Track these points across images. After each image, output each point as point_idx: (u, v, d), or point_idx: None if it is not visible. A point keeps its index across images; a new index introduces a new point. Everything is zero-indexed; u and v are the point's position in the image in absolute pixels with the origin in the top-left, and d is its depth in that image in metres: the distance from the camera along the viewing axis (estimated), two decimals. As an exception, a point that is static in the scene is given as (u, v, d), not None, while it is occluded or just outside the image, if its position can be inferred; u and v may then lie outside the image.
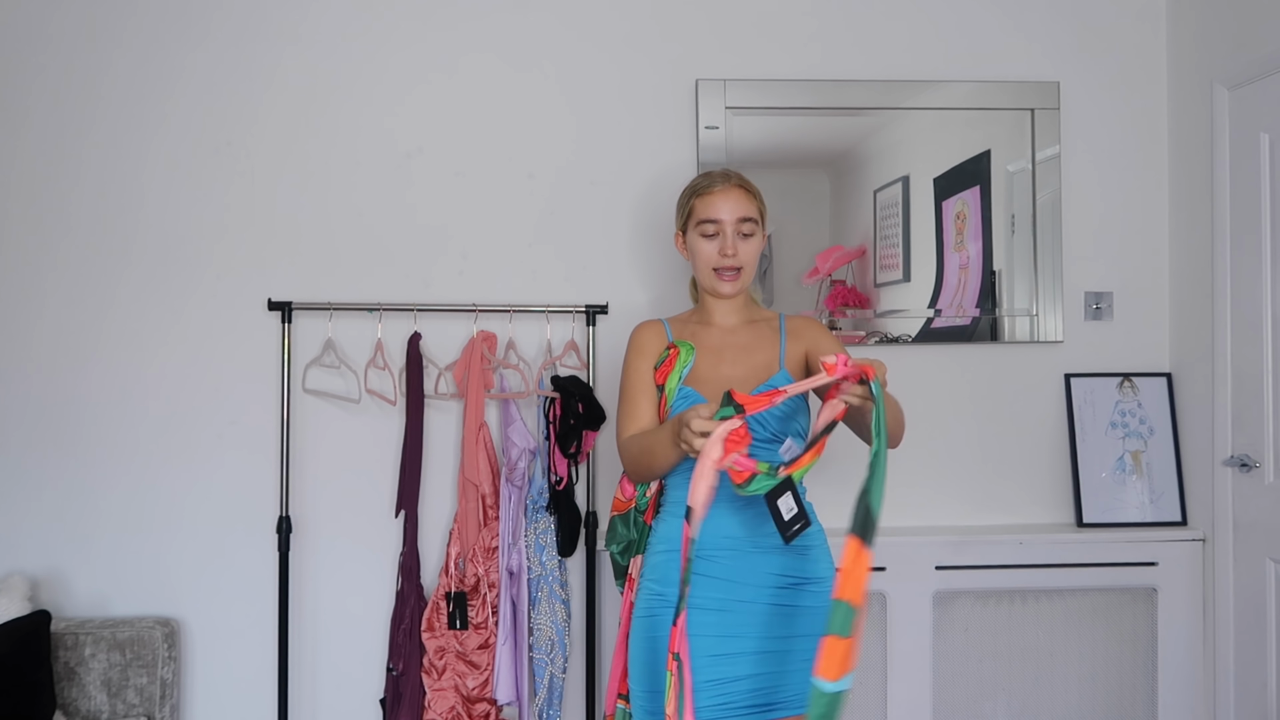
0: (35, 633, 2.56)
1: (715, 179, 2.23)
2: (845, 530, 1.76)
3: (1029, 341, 3.02)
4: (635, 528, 2.26)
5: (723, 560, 2.06)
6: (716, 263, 2.19)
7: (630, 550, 2.27)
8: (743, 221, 2.19)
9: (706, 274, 2.22)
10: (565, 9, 2.96)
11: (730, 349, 2.19)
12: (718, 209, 2.19)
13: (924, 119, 2.99)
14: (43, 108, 2.85)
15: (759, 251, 2.24)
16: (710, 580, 2.06)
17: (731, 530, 2.06)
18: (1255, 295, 2.72)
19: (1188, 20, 2.99)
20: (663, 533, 2.15)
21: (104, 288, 2.86)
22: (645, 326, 2.26)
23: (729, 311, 2.25)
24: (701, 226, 2.20)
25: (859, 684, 2.86)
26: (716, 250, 2.19)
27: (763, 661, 2.04)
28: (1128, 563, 2.90)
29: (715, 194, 2.20)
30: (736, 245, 2.18)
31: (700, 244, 2.21)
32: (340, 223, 2.90)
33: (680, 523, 2.05)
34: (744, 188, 2.22)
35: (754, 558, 2.07)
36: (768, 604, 2.06)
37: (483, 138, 2.93)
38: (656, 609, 2.08)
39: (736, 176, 2.24)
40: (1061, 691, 2.91)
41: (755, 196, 2.24)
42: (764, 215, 2.26)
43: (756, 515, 2.04)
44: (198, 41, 2.88)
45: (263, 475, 2.86)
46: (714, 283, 2.21)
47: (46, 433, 2.84)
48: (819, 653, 1.67)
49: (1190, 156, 2.98)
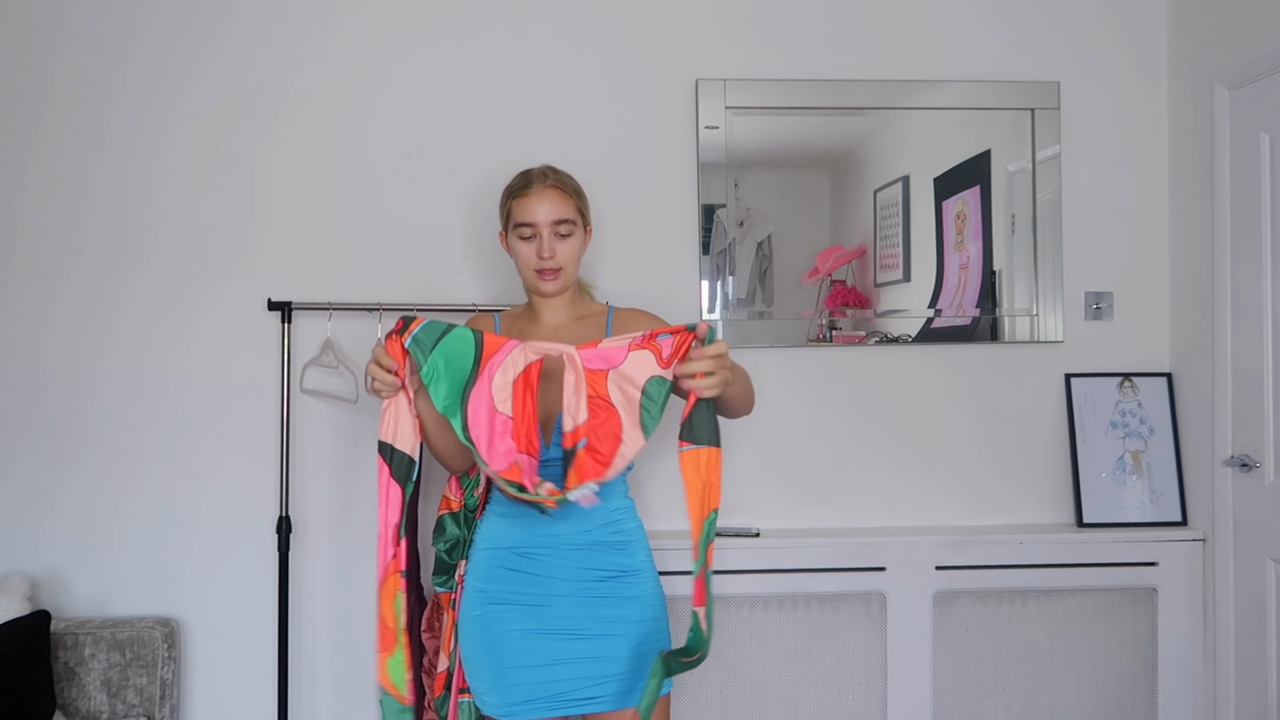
0: (35, 633, 2.56)
1: (532, 179, 2.25)
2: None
3: (1029, 341, 3.02)
4: (465, 525, 2.33)
5: (541, 558, 2.15)
6: (536, 264, 2.22)
7: (458, 549, 2.33)
8: (558, 224, 2.22)
9: (528, 274, 2.25)
10: (564, 10, 2.96)
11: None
12: (532, 212, 2.21)
13: (924, 119, 2.99)
14: (49, 115, 2.85)
15: (580, 249, 2.27)
16: (528, 577, 2.15)
17: (550, 529, 2.14)
18: (1255, 295, 2.72)
19: (1188, 20, 2.99)
20: (485, 530, 2.22)
21: (103, 287, 2.86)
22: (478, 319, 2.32)
23: (556, 308, 2.29)
24: (519, 230, 2.23)
25: (859, 684, 2.86)
26: (534, 253, 2.22)
27: (591, 644, 2.13)
28: (1128, 563, 2.90)
29: (530, 196, 2.22)
30: (554, 247, 2.21)
31: (519, 246, 2.24)
32: (340, 223, 2.90)
33: (503, 521, 2.18)
34: (559, 188, 2.24)
35: (572, 554, 2.15)
36: (587, 596, 2.14)
37: (482, 138, 2.93)
38: (482, 607, 2.16)
39: (553, 176, 2.26)
40: (1061, 691, 2.91)
41: (573, 195, 2.26)
42: (585, 212, 2.30)
43: (576, 514, 2.12)
44: (201, 47, 2.88)
45: (263, 475, 2.86)
46: (535, 282, 2.25)
47: (46, 433, 2.84)
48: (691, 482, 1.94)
49: (1190, 156, 2.98)
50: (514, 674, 2.12)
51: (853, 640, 2.87)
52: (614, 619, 2.15)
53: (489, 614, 2.17)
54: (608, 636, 2.14)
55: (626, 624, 2.15)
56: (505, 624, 2.14)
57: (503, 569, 2.18)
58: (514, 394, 2.02)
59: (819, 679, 2.86)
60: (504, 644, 2.14)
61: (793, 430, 2.96)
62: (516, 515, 2.15)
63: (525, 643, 2.13)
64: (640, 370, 1.98)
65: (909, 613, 2.86)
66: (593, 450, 1.98)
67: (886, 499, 3.00)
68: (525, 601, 2.15)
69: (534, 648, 2.13)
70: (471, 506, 2.35)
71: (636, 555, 2.21)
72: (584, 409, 1.98)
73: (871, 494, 3.00)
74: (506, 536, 2.18)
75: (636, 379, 1.98)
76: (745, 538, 2.85)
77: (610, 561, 2.17)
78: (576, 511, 2.12)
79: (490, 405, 2.01)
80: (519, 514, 2.13)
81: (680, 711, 2.81)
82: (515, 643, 2.13)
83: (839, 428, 3.00)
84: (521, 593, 2.15)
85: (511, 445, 2.01)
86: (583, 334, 2.25)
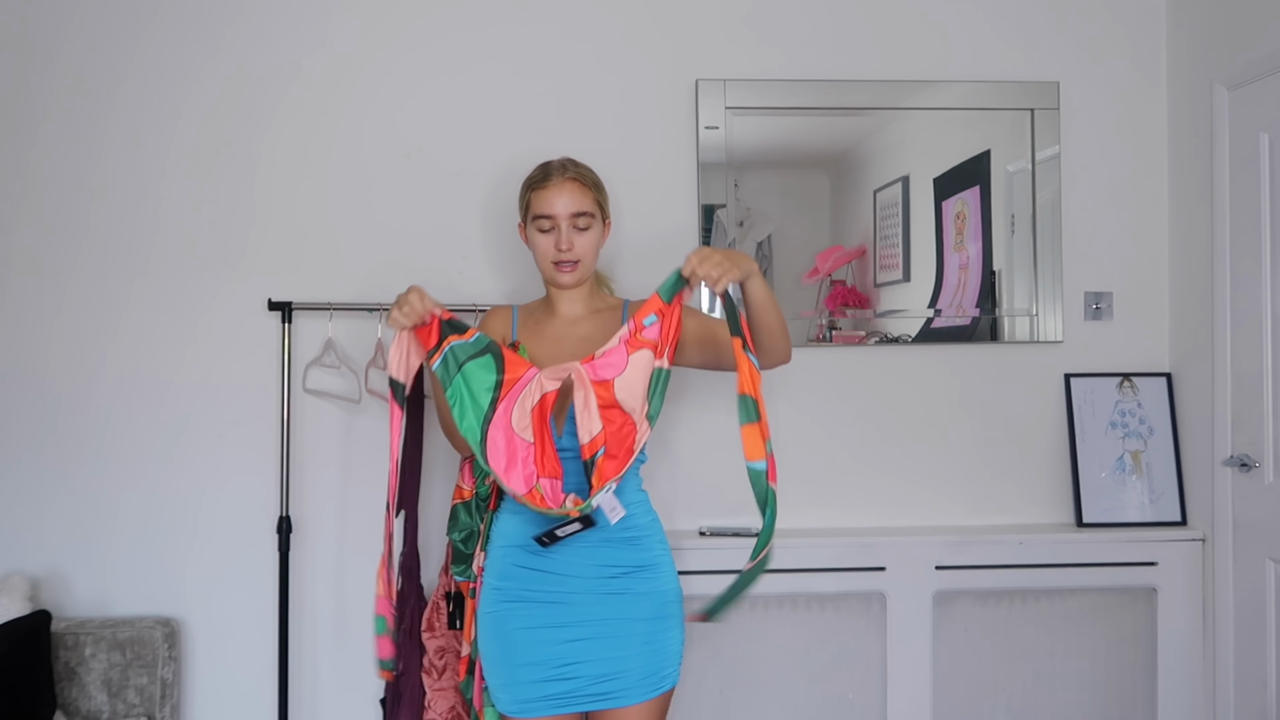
0: (35, 633, 2.57)
1: (551, 171, 2.26)
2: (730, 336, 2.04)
3: (1029, 341, 3.02)
4: (478, 515, 2.31)
5: (554, 554, 2.13)
6: (554, 256, 2.23)
7: (473, 539, 2.32)
8: (577, 216, 2.23)
9: (546, 266, 2.26)
10: (565, 10, 2.96)
11: (570, 339, 2.24)
12: (551, 204, 2.22)
13: (924, 119, 2.99)
14: (49, 115, 2.85)
15: (598, 242, 2.29)
16: (542, 574, 2.15)
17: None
18: (1255, 295, 2.72)
19: (1188, 20, 3.00)
20: (499, 528, 2.22)
21: (103, 287, 2.86)
22: (494, 311, 2.35)
23: (573, 301, 2.30)
24: (537, 222, 2.24)
25: (859, 684, 2.86)
26: (552, 245, 2.22)
27: (603, 645, 2.13)
28: (1127, 563, 2.90)
29: (549, 189, 2.23)
30: (571, 240, 2.22)
31: (538, 238, 2.25)
32: (340, 223, 2.91)
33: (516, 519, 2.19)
34: (578, 180, 2.26)
35: (586, 551, 2.14)
36: (602, 593, 2.13)
37: (483, 138, 2.93)
38: (496, 604, 2.16)
39: (572, 169, 2.27)
40: (1061, 691, 2.91)
41: (591, 187, 2.27)
42: (604, 205, 2.31)
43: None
44: (202, 46, 2.88)
45: (263, 475, 2.86)
46: (553, 274, 2.26)
47: (46, 433, 2.84)
48: (742, 440, 1.97)
49: (1190, 156, 2.98)
50: (524, 671, 2.13)
51: (853, 640, 2.87)
52: (628, 616, 2.14)
53: (502, 611, 2.17)
54: (621, 635, 2.13)
55: (640, 621, 2.14)
56: (518, 621, 2.14)
57: (517, 566, 2.17)
58: (533, 423, 2.09)
59: (819, 679, 2.86)
60: (516, 641, 2.14)
61: (792, 430, 2.96)
62: (530, 511, 2.14)
63: (537, 640, 2.13)
64: (642, 370, 2.07)
65: (909, 613, 2.86)
66: (611, 456, 2.06)
67: (886, 499, 3.00)
68: (539, 599, 2.14)
69: (546, 645, 2.12)
70: (483, 495, 2.32)
71: (652, 550, 2.20)
72: (597, 420, 2.05)
73: (871, 494, 3.00)
74: (521, 534, 2.18)
75: (641, 379, 2.06)
76: (745, 538, 2.85)
77: (625, 557, 2.16)
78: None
79: (509, 430, 2.08)
80: (532, 510, 2.12)
81: (680, 711, 2.81)
82: (527, 640, 2.13)
83: (839, 428, 3.00)
84: (536, 589, 2.15)
85: (534, 470, 2.08)
86: (599, 327, 2.25)
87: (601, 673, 2.12)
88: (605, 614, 2.13)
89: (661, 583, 2.19)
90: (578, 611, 2.13)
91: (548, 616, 2.13)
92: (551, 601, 2.14)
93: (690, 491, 2.92)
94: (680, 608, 2.23)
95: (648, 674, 2.14)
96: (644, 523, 2.22)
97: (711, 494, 2.91)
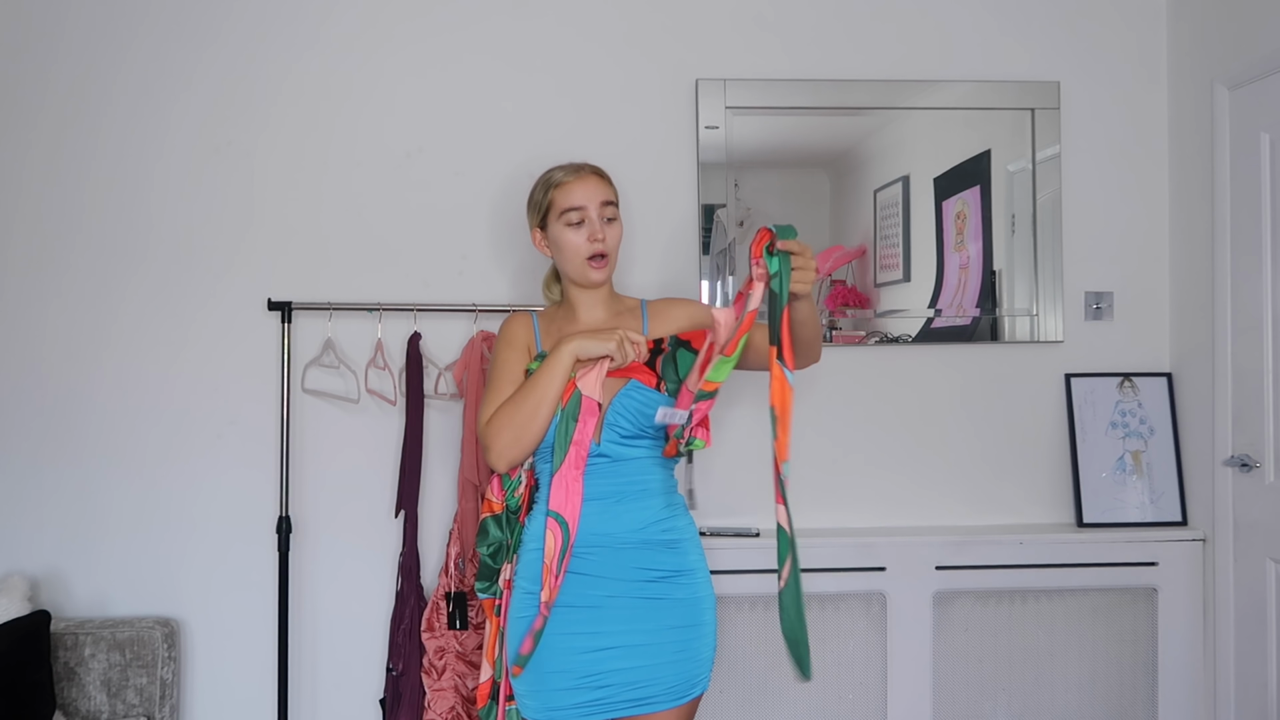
0: (35, 633, 2.56)
1: (569, 170, 2.25)
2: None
3: (1029, 341, 3.02)
4: (508, 529, 2.23)
5: (594, 558, 2.11)
6: (587, 250, 2.19)
7: (502, 553, 2.22)
8: (605, 205, 2.22)
9: (577, 264, 2.21)
10: (564, 8, 2.96)
11: None
12: (579, 196, 2.20)
13: (924, 119, 2.99)
14: (46, 114, 2.85)
15: (621, 238, 2.26)
16: (582, 578, 2.11)
17: (603, 528, 2.11)
18: (1255, 295, 2.72)
19: (1188, 20, 2.99)
20: (534, 530, 2.16)
21: (103, 287, 2.86)
22: (515, 319, 2.29)
23: (595, 304, 2.27)
24: (566, 216, 2.20)
25: (859, 683, 2.86)
26: (585, 237, 2.19)
27: (635, 655, 2.09)
28: (1128, 563, 2.90)
29: (575, 183, 2.22)
30: (604, 230, 2.20)
31: (567, 235, 2.21)
32: (340, 222, 2.90)
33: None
34: (599, 174, 2.25)
35: (624, 554, 2.11)
36: (637, 598, 2.11)
37: (483, 137, 2.93)
38: (531, 609, 2.10)
39: (589, 166, 2.26)
40: (1061, 691, 2.91)
41: (611, 183, 2.26)
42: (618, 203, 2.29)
43: (626, 512, 2.12)
44: (200, 44, 2.88)
45: (263, 475, 2.86)
46: (585, 272, 2.21)
47: (46, 433, 2.84)
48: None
49: (1190, 156, 2.97)
50: (555, 679, 2.08)
51: (853, 640, 2.87)
52: (662, 624, 2.11)
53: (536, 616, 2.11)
54: (654, 644, 2.10)
55: (674, 629, 2.11)
56: (551, 626, 2.08)
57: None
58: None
59: (819, 679, 2.86)
60: (548, 648, 2.09)
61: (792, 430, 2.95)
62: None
63: (569, 649, 2.08)
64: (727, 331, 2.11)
65: (909, 613, 2.86)
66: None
67: (886, 499, 3.00)
68: (574, 603, 2.10)
69: (578, 655, 2.08)
70: (514, 508, 2.24)
71: (689, 555, 2.17)
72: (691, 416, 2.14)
73: (871, 494, 3.00)
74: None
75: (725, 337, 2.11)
76: (745, 538, 2.85)
77: (663, 561, 2.13)
78: (627, 511, 2.11)
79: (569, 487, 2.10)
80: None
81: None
82: (559, 648, 2.09)
83: (839, 428, 3.00)
84: (571, 594, 2.10)
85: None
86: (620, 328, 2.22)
87: (633, 680, 2.08)
88: (640, 623, 2.09)
89: (697, 589, 2.16)
90: (612, 619, 2.09)
91: (582, 624, 2.09)
92: (587, 606, 2.09)
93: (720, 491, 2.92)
94: (714, 615, 2.19)
95: (679, 681, 2.10)
96: (681, 525, 2.19)
97: (712, 494, 2.91)
